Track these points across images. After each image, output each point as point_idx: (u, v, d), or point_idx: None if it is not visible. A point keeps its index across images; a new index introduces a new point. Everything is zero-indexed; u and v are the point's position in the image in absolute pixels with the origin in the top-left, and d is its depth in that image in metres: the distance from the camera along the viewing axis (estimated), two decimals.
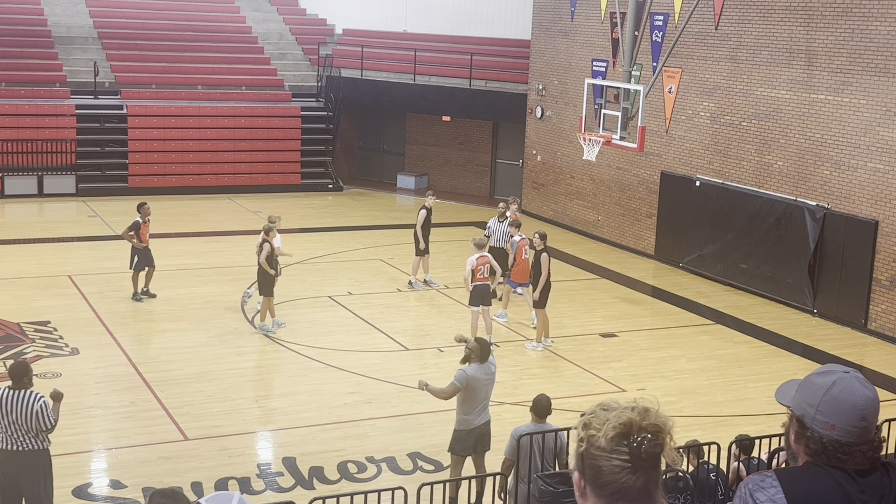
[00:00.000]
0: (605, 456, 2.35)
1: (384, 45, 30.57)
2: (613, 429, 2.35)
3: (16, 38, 28.78)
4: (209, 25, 31.49)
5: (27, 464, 9.53)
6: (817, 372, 2.76)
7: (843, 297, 18.14)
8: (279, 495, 10.91)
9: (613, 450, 2.34)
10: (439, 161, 30.11)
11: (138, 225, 17.61)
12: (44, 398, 9.51)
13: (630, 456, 2.33)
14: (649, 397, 2.46)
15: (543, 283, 16.08)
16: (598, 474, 2.36)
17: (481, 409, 10.70)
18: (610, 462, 2.34)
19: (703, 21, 20.26)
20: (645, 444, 2.33)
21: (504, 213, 18.67)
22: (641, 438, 2.33)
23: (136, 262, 17.63)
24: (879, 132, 17.36)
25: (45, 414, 9.43)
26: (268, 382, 15.08)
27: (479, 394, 10.63)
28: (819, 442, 2.67)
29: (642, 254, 22.86)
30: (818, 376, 2.73)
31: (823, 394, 2.67)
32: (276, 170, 28.45)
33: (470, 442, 10.69)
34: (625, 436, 2.34)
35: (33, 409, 9.37)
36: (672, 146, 21.82)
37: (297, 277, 19.54)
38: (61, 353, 15.04)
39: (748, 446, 10.08)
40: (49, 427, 9.48)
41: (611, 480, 2.34)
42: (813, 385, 2.72)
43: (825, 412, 2.66)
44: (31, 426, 9.40)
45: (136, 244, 17.59)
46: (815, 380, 2.72)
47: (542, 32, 25.86)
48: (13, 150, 25.98)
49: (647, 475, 2.35)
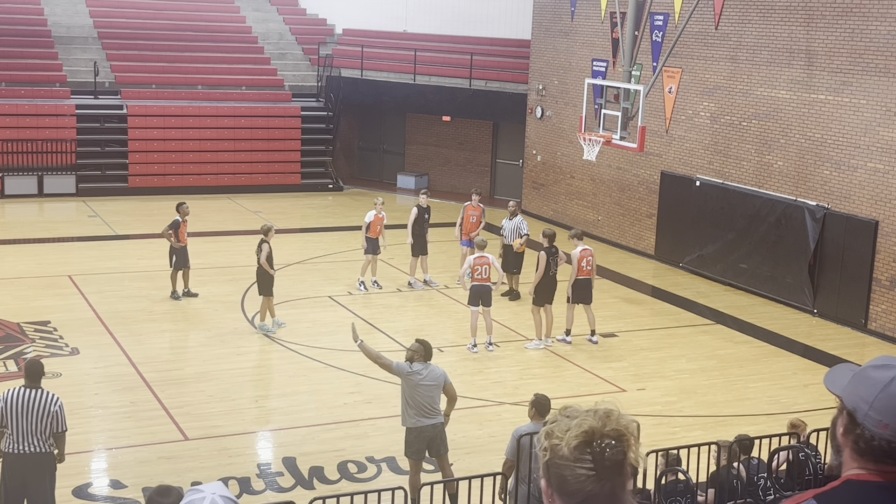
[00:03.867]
0: (568, 465, 2.31)
1: (384, 45, 30.57)
2: (575, 437, 2.31)
3: (16, 38, 28.77)
4: (209, 25, 31.49)
5: (35, 467, 9.44)
6: (875, 364, 2.57)
7: (843, 297, 18.14)
8: (279, 495, 10.91)
9: (577, 458, 2.30)
10: (439, 161, 30.12)
11: (178, 224, 17.73)
12: (61, 400, 9.46)
13: (594, 464, 2.30)
14: (610, 400, 2.43)
15: (537, 282, 16.30)
16: (564, 483, 2.32)
17: (428, 411, 10.61)
18: (574, 471, 2.31)
19: (703, 21, 20.26)
20: (608, 452, 2.29)
21: (515, 212, 19.16)
22: (605, 445, 2.30)
23: (175, 261, 17.74)
24: (879, 132, 17.36)
25: (62, 416, 9.38)
26: (268, 382, 15.08)
27: (420, 395, 10.56)
28: (869, 441, 2.49)
29: (642, 254, 22.86)
30: (876, 370, 2.54)
31: (880, 390, 2.48)
32: (276, 170, 28.46)
33: (421, 445, 10.66)
34: (587, 444, 2.30)
35: (51, 410, 9.29)
36: (672, 146, 21.82)
37: (297, 277, 19.54)
38: (61, 353, 15.03)
39: (748, 446, 10.08)
40: (63, 430, 9.45)
41: (577, 489, 2.31)
42: (869, 378, 2.52)
43: (880, 409, 2.48)
44: (44, 427, 9.29)
45: (174, 243, 17.70)
46: (873, 373, 2.53)
47: (542, 32, 25.86)
48: (13, 150, 25.98)
49: (613, 481, 2.31)
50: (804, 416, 11.24)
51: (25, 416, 9.29)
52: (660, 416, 13.65)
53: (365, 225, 18.81)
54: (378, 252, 18.91)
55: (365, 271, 19.01)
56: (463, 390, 14.02)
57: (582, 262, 16.39)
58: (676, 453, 9.59)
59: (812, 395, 14.41)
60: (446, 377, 10.78)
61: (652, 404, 13.98)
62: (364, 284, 18.93)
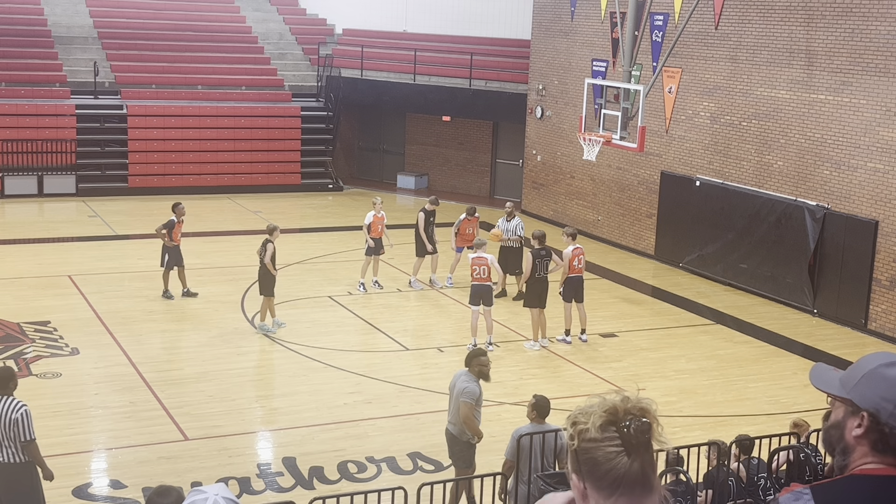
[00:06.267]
0: (597, 446, 2.36)
1: (384, 45, 30.57)
2: (600, 417, 2.36)
3: (16, 38, 28.78)
4: (209, 25, 31.49)
5: (9, 478, 9.06)
6: (885, 363, 2.58)
7: (843, 297, 18.14)
8: (279, 495, 10.91)
9: (604, 437, 2.35)
10: (439, 161, 30.12)
11: (173, 224, 17.79)
12: (25, 407, 8.98)
13: (621, 440, 2.35)
14: (631, 390, 2.48)
15: (523, 282, 16.62)
16: (595, 466, 2.36)
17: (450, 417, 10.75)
18: (604, 450, 2.35)
19: (703, 21, 20.26)
20: (634, 427, 2.35)
21: (512, 213, 19.30)
22: (630, 420, 2.36)
23: (167, 260, 17.80)
24: (879, 132, 17.36)
25: (24, 424, 8.90)
26: (268, 382, 15.08)
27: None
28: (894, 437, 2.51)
29: (642, 254, 22.86)
30: (889, 368, 2.56)
31: None
32: (276, 170, 28.46)
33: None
34: (612, 422, 2.36)
35: (12, 418, 8.87)
36: (672, 146, 21.82)
37: (297, 277, 19.54)
38: (61, 353, 15.03)
39: (748, 446, 10.07)
40: (25, 439, 8.92)
41: (608, 469, 2.35)
42: (887, 378, 2.54)
43: None
44: (12, 436, 8.91)
45: (167, 242, 17.75)
46: (887, 372, 2.55)
47: (542, 32, 25.85)
48: (13, 150, 25.98)
49: (642, 458, 2.36)
50: (804, 416, 11.25)
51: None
52: (660, 416, 13.62)
53: (365, 226, 18.81)
54: (381, 252, 18.90)
55: (365, 272, 18.99)
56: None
57: (574, 261, 16.47)
58: (677, 453, 9.58)
59: (812, 395, 14.39)
60: (460, 389, 10.72)
61: None
62: (364, 286, 18.92)
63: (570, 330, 16.63)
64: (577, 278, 16.60)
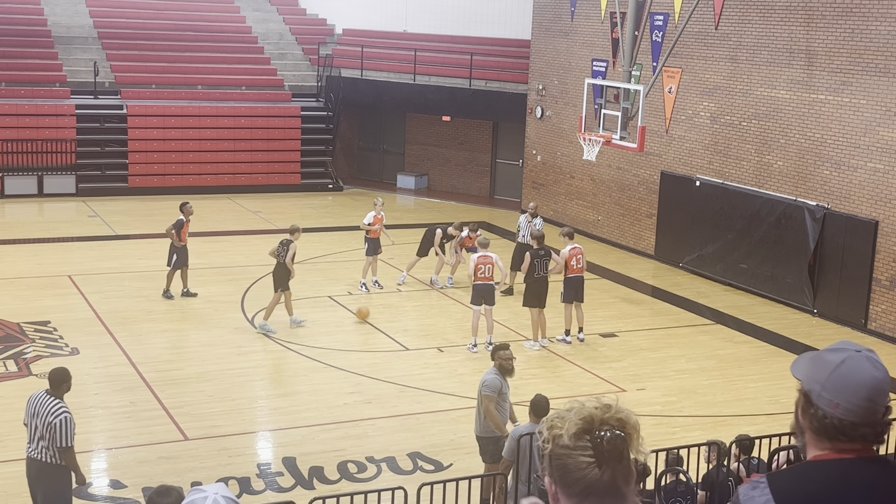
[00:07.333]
0: (569, 453, 2.34)
1: (384, 45, 30.57)
2: (575, 424, 2.34)
3: (16, 38, 28.78)
4: (209, 25, 31.49)
5: (36, 474, 9.36)
6: (830, 348, 2.71)
7: (843, 297, 18.14)
8: (279, 495, 10.91)
9: (577, 446, 2.33)
10: (439, 161, 30.11)
11: (182, 223, 17.79)
12: (67, 414, 9.16)
13: (594, 450, 2.32)
14: (612, 397, 2.46)
15: (513, 278, 16.89)
16: (565, 473, 2.35)
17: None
18: (575, 459, 2.33)
19: (703, 21, 20.26)
20: (607, 438, 2.32)
21: (535, 213, 19.43)
22: (604, 432, 2.33)
23: (174, 260, 17.80)
24: (879, 132, 17.36)
25: (62, 430, 9.08)
26: (268, 382, 15.08)
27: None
28: (822, 420, 2.63)
29: (642, 254, 22.86)
30: (830, 353, 2.69)
31: (832, 371, 2.63)
32: (276, 170, 28.46)
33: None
34: (587, 430, 2.33)
35: (49, 422, 9.08)
36: (672, 146, 21.82)
37: (298, 277, 19.45)
38: (61, 353, 15.03)
39: (748, 446, 10.07)
40: (62, 445, 9.12)
41: (577, 478, 2.33)
42: (823, 361, 2.68)
43: (831, 389, 2.62)
44: (47, 437, 9.13)
45: (176, 242, 17.77)
46: (826, 356, 2.68)
47: (542, 32, 25.85)
48: (13, 150, 25.98)
49: (613, 469, 2.33)
50: None
51: (33, 421, 9.26)
52: (660, 416, 13.65)
53: (366, 226, 18.82)
54: (379, 252, 18.91)
55: (366, 273, 19.00)
56: (463, 390, 14.04)
57: (571, 261, 16.45)
58: (677, 453, 9.58)
59: None
60: (481, 382, 10.87)
61: (652, 404, 13.98)
62: (366, 286, 18.93)
63: (570, 330, 16.64)
64: (576, 278, 16.60)
